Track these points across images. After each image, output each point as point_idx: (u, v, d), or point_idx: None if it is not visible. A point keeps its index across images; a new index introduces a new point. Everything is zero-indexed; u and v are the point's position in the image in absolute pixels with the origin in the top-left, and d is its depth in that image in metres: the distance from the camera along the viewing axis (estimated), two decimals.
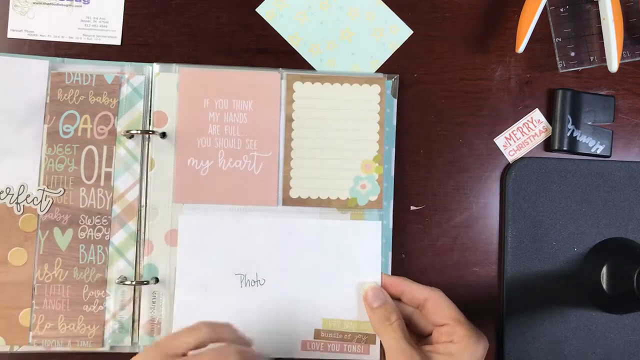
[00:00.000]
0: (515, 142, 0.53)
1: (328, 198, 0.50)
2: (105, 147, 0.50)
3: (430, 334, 0.48)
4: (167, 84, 0.50)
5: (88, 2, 0.52)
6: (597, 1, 0.51)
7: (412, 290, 0.48)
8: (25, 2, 0.51)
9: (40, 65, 0.50)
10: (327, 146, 0.51)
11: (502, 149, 0.53)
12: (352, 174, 0.50)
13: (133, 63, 0.51)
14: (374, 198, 0.50)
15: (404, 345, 0.44)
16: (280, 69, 0.51)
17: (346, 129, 0.51)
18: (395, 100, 0.51)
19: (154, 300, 0.49)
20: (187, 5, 0.52)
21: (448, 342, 0.45)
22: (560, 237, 0.52)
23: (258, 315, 0.49)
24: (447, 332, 0.46)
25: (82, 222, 0.49)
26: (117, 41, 0.52)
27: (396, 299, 0.49)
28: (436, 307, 0.47)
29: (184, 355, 0.41)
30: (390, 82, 0.51)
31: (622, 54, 0.51)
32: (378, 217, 0.50)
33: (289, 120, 0.51)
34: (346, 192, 0.50)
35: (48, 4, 0.51)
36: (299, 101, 0.51)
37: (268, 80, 0.51)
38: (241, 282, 0.49)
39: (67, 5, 0.52)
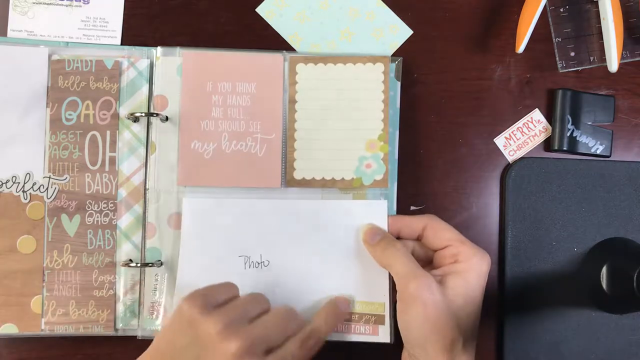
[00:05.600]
0: (515, 142, 0.53)
1: (333, 179, 0.50)
2: (108, 132, 0.50)
3: (431, 263, 0.48)
4: (168, 67, 0.50)
5: (88, 2, 0.52)
6: (597, 1, 0.51)
7: (409, 223, 0.48)
8: (25, 2, 0.51)
9: (39, 53, 0.50)
10: (330, 127, 0.50)
11: (502, 149, 0.53)
12: (356, 153, 0.50)
13: (138, 47, 0.51)
14: (379, 177, 0.50)
15: (415, 270, 0.44)
16: (284, 51, 0.51)
17: (350, 109, 0.50)
18: (399, 83, 0.51)
19: (155, 282, 0.49)
20: (187, 5, 0.52)
21: (453, 263, 0.45)
22: (560, 237, 0.52)
23: None
24: (450, 254, 0.46)
25: (88, 207, 0.50)
26: (117, 41, 0.52)
27: (396, 237, 0.49)
28: (435, 231, 0.47)
29: (219, 306, 0.42)
30: (394, 65, 0.51)
31: (622, 54, 0.51)
32: (382, 196, 0.50)
33: (292, 102, 0.51)
34: (351, 173, 0.50)
35: (48, 4, 0.51)
36: (302, 82, 0.51)
37: (271, 62, 0.51)
38: (245, 263, 0.49)
39: (67, 5, 0.52)
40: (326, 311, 0.47)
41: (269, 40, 0.52)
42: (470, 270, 0.44)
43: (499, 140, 0.53)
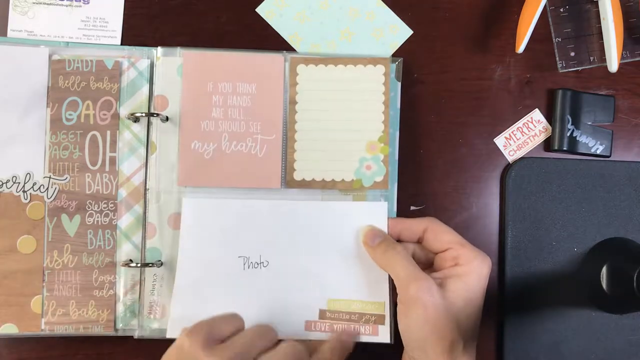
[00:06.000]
0: (515, 142, 0.53)
1: (332, 180, 0.50)
2: (108, 132, 0.50)
3: (432, 266, 0.48)
4: (168, 68, 0.50)
5: (88, 2, 0.52)
6: (597, 1, 0.51)
7: (410, 225, 0.48)
8: (25, 2, 0.51)
9: (40, 53, 0.50)
10: (331, 128, 0.50)
11: (502, 149, 0.53)
12: (357, 155, 0.50)
13: (139, 47, 0.51)
14: (379, 179, 0.50)
15: (416, 272, 0.43)
16: (284, 51, 0.51)
17: (350, 110, 0.50)
18: (399, 84, 0.51)
19: (154, 282, 0.49)
20: (187, 5, 0.52)
21: (453, 266, 0.45)
22: (560, 237, 0.52)
23: (261, 297, 0.49)
24: (451, 257, 0.45)
25: (89, 207, 0.50)
26: (117, 41, 0.52)
27: (397, 240, 0.48)
28: (435, 234, 0.47)
29: (222, 341, 0.41)
30: (394, 65, 0.51)
31: (622, 54, 0.51)
32: (382, 197, 0.50)
33: (293, 102, 0.51)
34: (351, 174, 0.50)
35: (48, 4, 0.51)
36: (303, 84, 0.51)
37: (272, 63, 0.51)
38: (244, 264, 0.49)
39: (67, 5, 0.52)
40: (332, 344, 0.46)
41: (269, 40, 0.52)
42: (470, 273, 0.44)
43: (499, 140, 0.53)
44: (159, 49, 0.50)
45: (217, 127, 0.50)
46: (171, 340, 0.51)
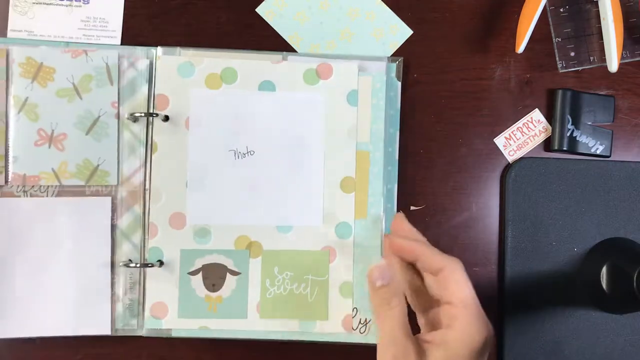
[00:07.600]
0: (515, 142, 0.53)
1: None
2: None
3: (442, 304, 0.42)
4: (168, 67, 0.50)
5: (88, 2, 0.52)
6: (597, 1, 0.51)
7: (427, 258, 0.42)
8: (25, 2, 0.51)
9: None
10: None
11: (502, 149, 0.53)
12: None
13: (138, 47, 0.51)
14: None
15: (398, 335, 0.40)
16: (284, 52, 0.51)
17: None
18: (399, 83, 0.51)
19: (156, 282, 0.49)
20: (187, 5, 0.52)
21: (446, 329, 0.40)
22: (560, 237, 0.52)
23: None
24: (448, 315, 0.40)
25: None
26: (117, 41, 0.52)
27: (411, 264, 0.44)
28: (446, 281, 0.41)
29: None
30: (394, 65, 0.51)
31: (622, 54, 0.51)
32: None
33: None
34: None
35: (48, 4, 0.51)
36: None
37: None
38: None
39: (67, 6, 0.52)
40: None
41: (269, 40, 0.52)
42: (458, 342, 0.39)
43: (499, 140, 0.53)
44: (159, 48, 0.50)
45: None
46: (169, 339, 0.51)
